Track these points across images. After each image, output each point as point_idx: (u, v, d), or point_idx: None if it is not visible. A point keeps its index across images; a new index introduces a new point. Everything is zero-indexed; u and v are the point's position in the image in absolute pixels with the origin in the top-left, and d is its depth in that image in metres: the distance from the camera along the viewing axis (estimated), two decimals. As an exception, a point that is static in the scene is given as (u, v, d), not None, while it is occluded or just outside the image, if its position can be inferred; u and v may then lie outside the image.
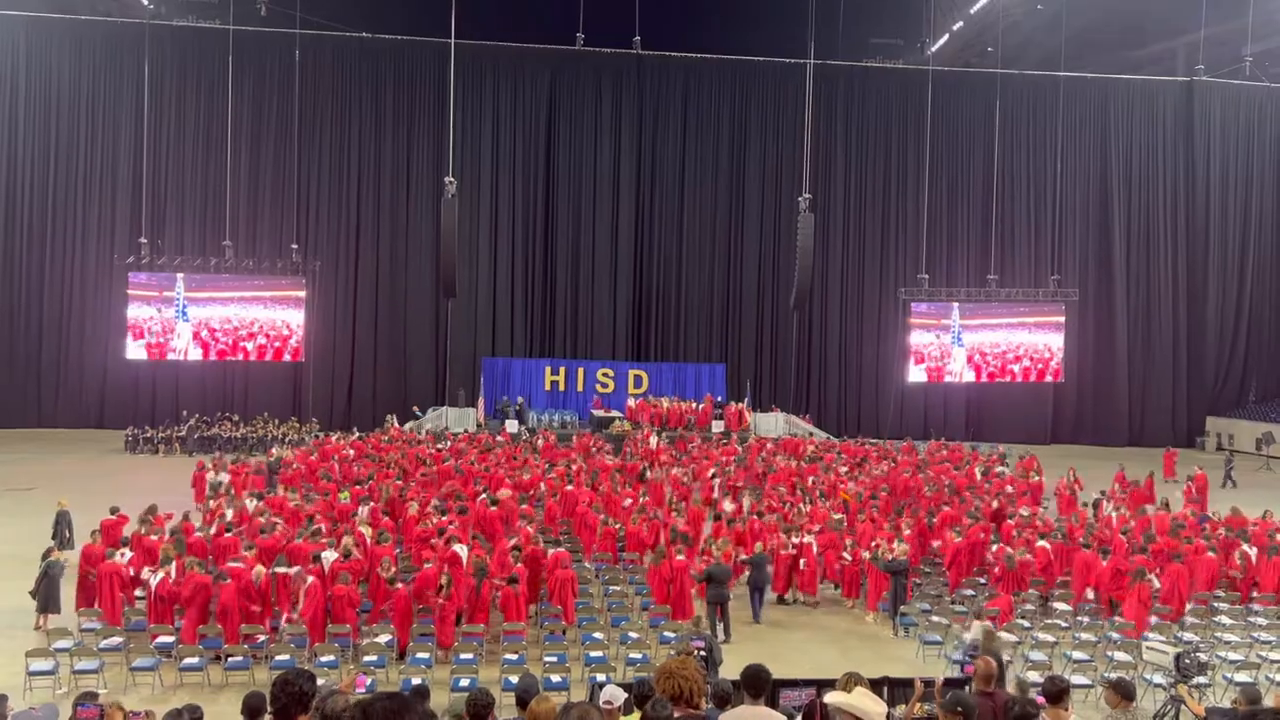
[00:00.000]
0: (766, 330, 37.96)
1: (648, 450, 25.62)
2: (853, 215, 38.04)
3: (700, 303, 37.64)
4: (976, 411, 37.30)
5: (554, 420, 32.83)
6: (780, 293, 36.71)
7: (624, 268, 37.10)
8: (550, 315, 37.17)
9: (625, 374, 35.17)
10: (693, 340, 37.67)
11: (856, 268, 38.14)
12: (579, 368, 35.14)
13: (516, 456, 23.40)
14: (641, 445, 26.88)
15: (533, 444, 26.65)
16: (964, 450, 28.03)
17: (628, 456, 23.85)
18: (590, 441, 27.21)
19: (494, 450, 23.51)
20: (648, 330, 37.58)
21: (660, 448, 26.53)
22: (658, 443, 27.34)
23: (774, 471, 22.58)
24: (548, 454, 24.54)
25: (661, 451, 25.86)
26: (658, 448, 26.44)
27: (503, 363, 35.17)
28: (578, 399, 34.79)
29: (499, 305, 36.83)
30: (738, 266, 37.78)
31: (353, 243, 36.06)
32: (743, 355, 37.67)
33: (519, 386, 34.47)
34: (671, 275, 37.50)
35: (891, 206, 37.71)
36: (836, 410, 37.86)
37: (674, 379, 35.26)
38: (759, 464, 23.68)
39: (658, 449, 26.24)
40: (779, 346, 37.69)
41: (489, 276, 36.63)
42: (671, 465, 23.27)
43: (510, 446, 25.74)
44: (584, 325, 37.17)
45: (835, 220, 37.71)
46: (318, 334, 33.92)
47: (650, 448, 26.23)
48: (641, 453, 25.38)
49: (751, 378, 36.11)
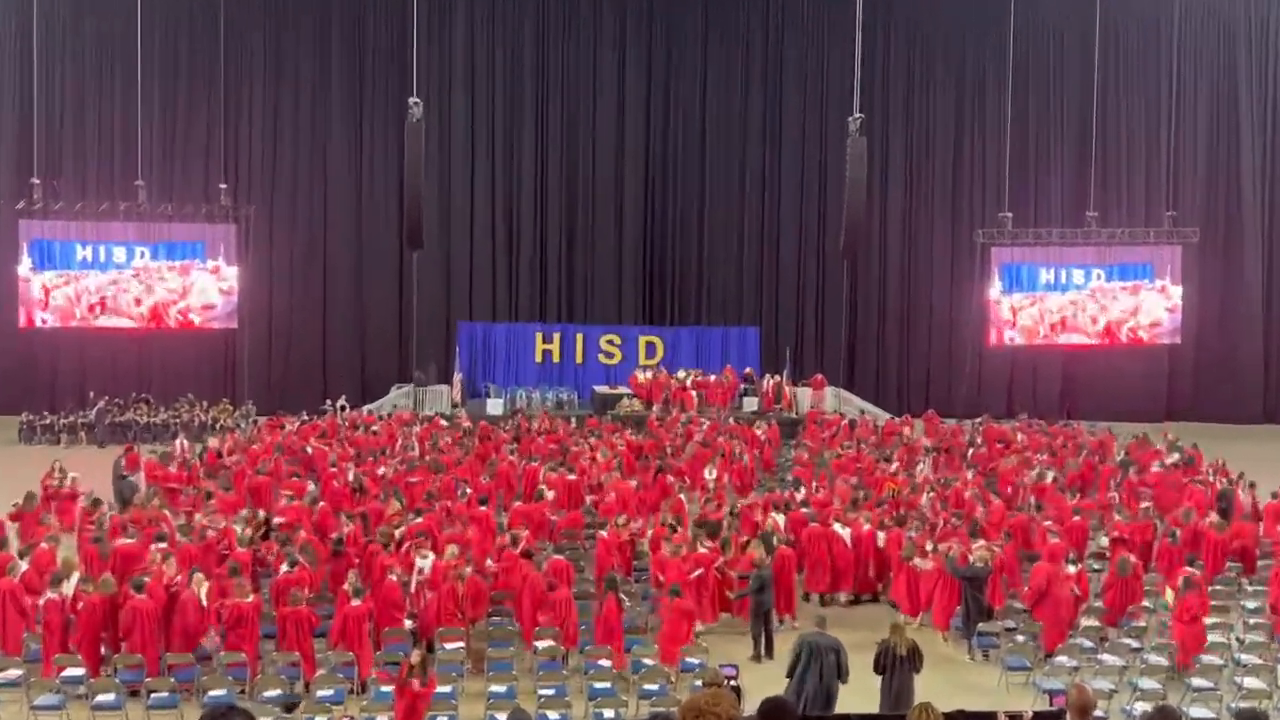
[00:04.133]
0: (809, 285, 38.01)
1: (698, 453, 24.12)
2: (916, 140, 37.90)
3: (727, 251, 37.66)
4: (1075, 382, 37.26)
5: (547, 399, 32.99)
6: (827, 237, 36.66)
7: (632, 208, 37.21)
8: (541, 268, 37.17)
9: (635, 340, 35.37)
10: (718, 298, 37.74)
11: (922, 204, 38.08)
12: (577, 333, 35.33)
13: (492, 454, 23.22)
14: (680, 433, 26.36)
15: (521, 429, 26.68)
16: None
17: (662, 458, 23.05)
18: (598, 425, 27.33)
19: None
20: (662, 286, 37.73)
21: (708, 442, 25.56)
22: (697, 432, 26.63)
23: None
24: (534, 446, 24.24)
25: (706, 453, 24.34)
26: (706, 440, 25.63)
27: (482, 329, 35.29)
28: (576, 372, 34.98)
29: (477, 257, 36.96)
30: (774, 205, 37.74)
31: (294, 181, 36.20)
32: (781, 316, 37.73)
33: (503, 358, 34.66)
34: (692, 217, 37.59)
35: (965, 128, 37.59)
36: (897, 383, 37.99)
37: (695, 346, 35.37)
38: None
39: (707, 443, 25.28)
40: (825, 305, 37.66)
41: (464, 221, 36.76)
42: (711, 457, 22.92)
43: (489, 433, 25.83)
44: (583, 280, 37.28)
45: (894, 146, 37.61)
46: (253, 295, 34.01)
47: (701, 444, 25.14)
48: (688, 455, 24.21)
49: (791, 344, 36.09)
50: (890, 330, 38.24)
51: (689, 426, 27.39)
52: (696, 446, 24.00)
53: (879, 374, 38.07)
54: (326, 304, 36.57)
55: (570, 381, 34.55)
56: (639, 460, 23.07)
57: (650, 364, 34.61)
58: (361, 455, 22.63)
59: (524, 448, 24.11)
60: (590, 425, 28.09)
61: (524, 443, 24.68)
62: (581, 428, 27.90)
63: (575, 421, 29.02)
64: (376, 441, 24.62)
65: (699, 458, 22.98)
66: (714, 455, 22.99)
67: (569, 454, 22.53)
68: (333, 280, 36.54)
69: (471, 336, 34.87)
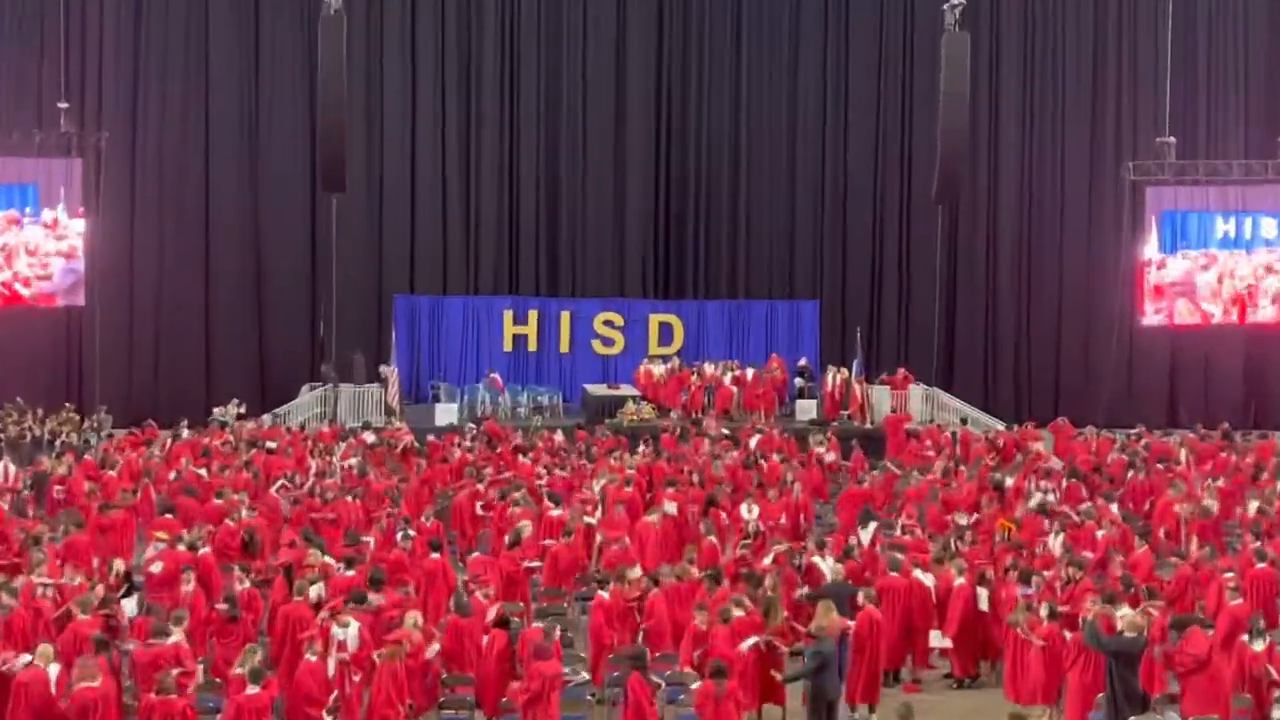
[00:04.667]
0: (888, 243, 37.67)
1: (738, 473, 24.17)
2: (1040, 37, 37.37)
3: (773, 196, 37.36)
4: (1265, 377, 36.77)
5: (521, 402, 32.80)
6: (914, 176, 36.46)
7: (639, 138, 36.98)
8: (511, 220, 36.85)
9: (643, 321, 35.33)
10: (760, 261, 37.45)
11: (1048, 129, 37.45)
12: (562, 311, 35.14)
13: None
14: (711, 453, 26.08)
15: (492, 440, 26.81)
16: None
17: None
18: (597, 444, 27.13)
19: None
20: (681, 246, 37.57)
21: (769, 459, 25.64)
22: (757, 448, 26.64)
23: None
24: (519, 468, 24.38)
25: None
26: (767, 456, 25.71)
27: (429, 305, 34.94)
28: (561, 366, 34.99)
29: (422, 204, 36.49)
30: (837, 134, 37.43)
31: (164, 100, 35.67)
32: (849, 287, 37.40)
33: (456, 345, 34.65)
34: (722, 149, 37.24)
35: (1108, 20, 37.10)
36: (1014, 380, 37.69)
37: (728, 328, 35.33)
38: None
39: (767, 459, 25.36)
40: (910, 271, 37.29)
41: (402, 154, 36.48)
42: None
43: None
44: (570, 238, 37.11)
45: (1008, 46, 37.20)
46: (107, 259, 33.81)
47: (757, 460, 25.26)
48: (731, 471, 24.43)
49: (863, 326, 35.65)
50: (1003, 306, 37.74)
51: (726, 441, 27.25)
52: (733, 469, 23.99)
53: (988, 368, 37.73)
54: (211, 270, 36.12)
55: (553, 378, 34.40)
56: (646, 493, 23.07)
57: (665, 353, 34.30)
58: (260, 484, 22.61)
59: (496, 467, 24.37)
60: (580, 440, 27.91)
61: (497, 462, 24.91)
62: (572, 445, 27.68)
63: (561, 435, 28.80)
64: (280, 465, 24.39)
65: (738, 486, 23.04)
66: (752, 482, 22.99)
67: (549, 478, 22.90)
68: (219, 237, 36.15)
69: (413, 315, 34.48)
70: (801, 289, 37.14)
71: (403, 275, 36.66)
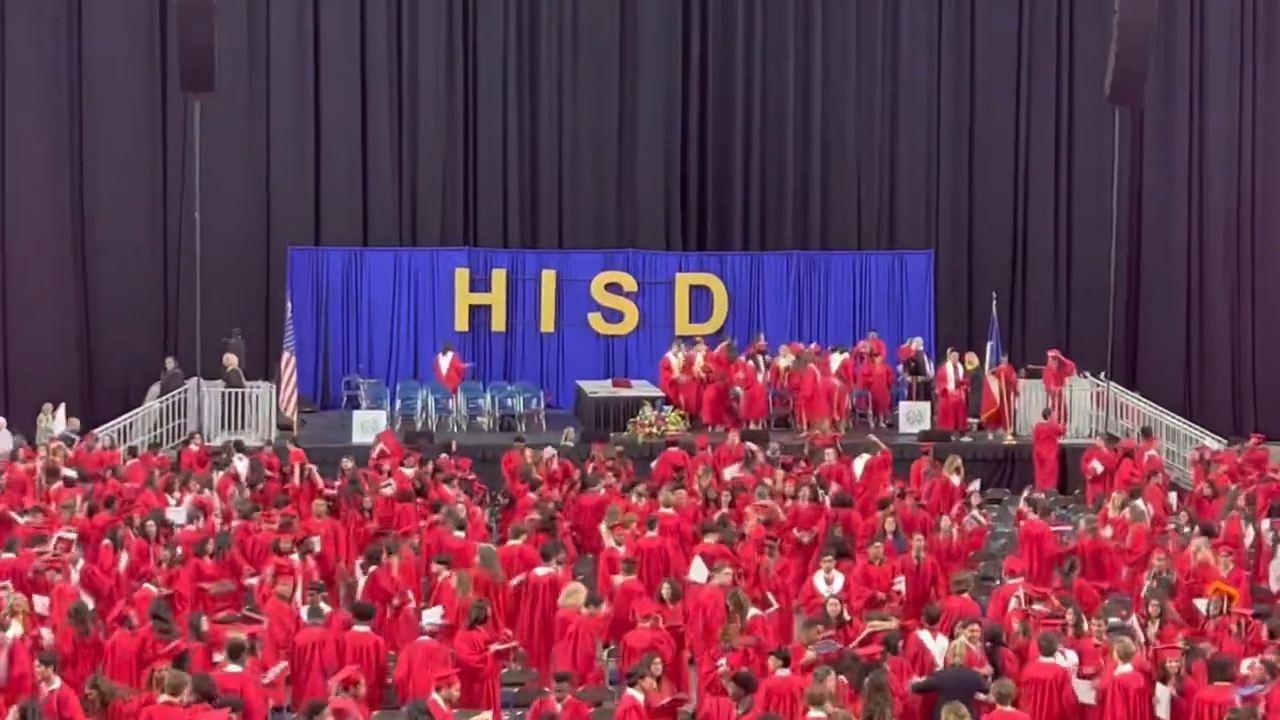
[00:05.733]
0: (1038, 168, 37.00)
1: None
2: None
3: (861, 105, 36.70)
4: None
5: (482, 407, 32.45)
6: (1077, 69, 36.39)
7: (657, 17, 36.29)
8: (469, 140, 35.99)
9: (666, 283, 34.78)
10: (840, 201, 36.65)
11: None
12: (544, 270, 34.53)
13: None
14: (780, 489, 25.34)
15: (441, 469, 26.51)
16: None
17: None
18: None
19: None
20: (724, 176, 36.69)
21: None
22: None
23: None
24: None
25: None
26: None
27: (341, 261, 34.35)
28: (543, 354, 34.60)
29: (330, 118, 35.75)
30: (959, 14, 36.96)
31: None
32: (978, 236, 36.81)
33: (384, 322, 34.21)
34: (786, 37, 36.53)
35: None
36: (1231, 377, 37.16)
37: (796, 293, 34.96)
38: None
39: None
40: (1073, 214, 36.62)
41: (300, 43, 35.75)
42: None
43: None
44: (555, 168, 36.37)
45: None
46: None
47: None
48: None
49: (1004, 291, 35.10)
50: (1211, 273, 37.32)
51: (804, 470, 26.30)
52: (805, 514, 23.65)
53: (1190, 359, 37.43)
54: (8, 214, 35.15)
55: (530, 371, 34.16)
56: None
57: (701, 331, 33.71)
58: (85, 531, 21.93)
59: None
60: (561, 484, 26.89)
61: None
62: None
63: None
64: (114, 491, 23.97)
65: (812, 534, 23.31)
66: (829, 531, 23.07)
67: (546, 524, 22.10)
68: (18, 162, 35.16)
69: (318, 277, 34.11)
70: (906, 235, 36.30)
71: (302, 219, 35.77)
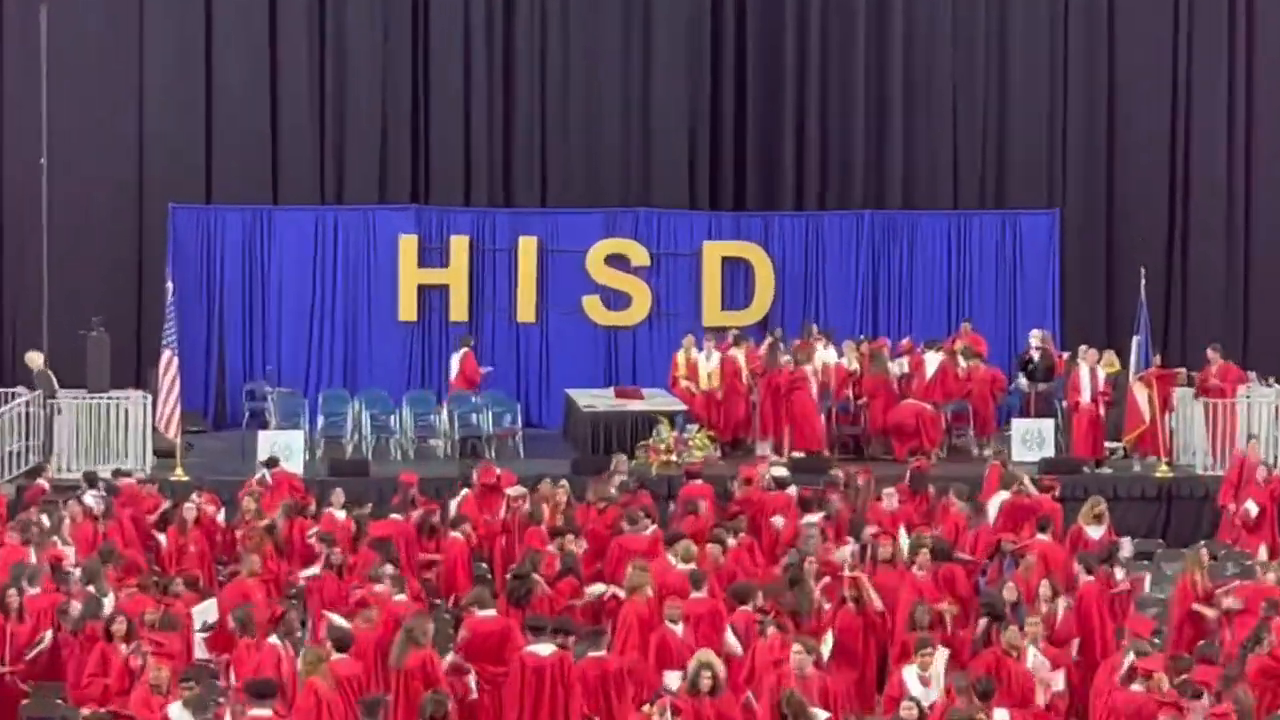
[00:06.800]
0: (1198, 112, 34.73)
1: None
2: None
3: (960, 34, 34.48)
4: None
5: (435, 424, 29.90)
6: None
7: None
8: (418, 65, 34.22)
9: (691, 255, 31.94)
10: (928, 146, 33.85)
11: None
12: (522, 236, 31.55)
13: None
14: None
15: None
16: None
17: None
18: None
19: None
20: (773, 123, 34.16)
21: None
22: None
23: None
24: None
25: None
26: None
27: (242, 224, 31.87)
28: (520, 353, 32.20)
29: (221, 20, 33.72)
30: None
31: None
32: (1119, 192, 34.23)
33: (300, 305, 31.84)
34: None
35: None
36: None
37: (870, 268, 32.08)
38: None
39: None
40: (1250, 162, 34.37)
41: None
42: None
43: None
44: (537, 106, 34.07)
45: None
46: None
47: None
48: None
49: (1152, 264, 31.83)
50: None
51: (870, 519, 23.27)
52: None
53: None
54: None
55: (504, 377, 31.17)
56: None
57: (737, 323, 31.15)
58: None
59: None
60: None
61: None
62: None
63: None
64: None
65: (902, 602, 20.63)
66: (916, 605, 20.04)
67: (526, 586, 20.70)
68: None
69: (210, 248, 31.82)
70: (1018, 192, 32.92)
71: (188, 169, 33.09)
